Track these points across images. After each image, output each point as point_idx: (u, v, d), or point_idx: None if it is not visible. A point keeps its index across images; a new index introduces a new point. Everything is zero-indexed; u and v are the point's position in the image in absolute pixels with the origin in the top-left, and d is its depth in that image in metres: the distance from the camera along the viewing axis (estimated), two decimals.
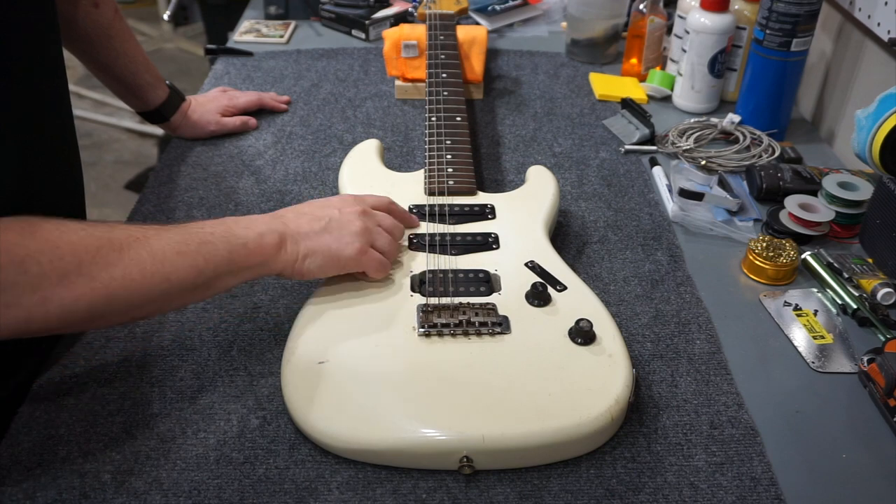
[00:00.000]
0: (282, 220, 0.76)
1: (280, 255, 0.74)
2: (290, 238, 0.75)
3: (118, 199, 2.71)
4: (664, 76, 1.32)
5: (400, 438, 0.67)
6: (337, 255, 0.77)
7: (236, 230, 0.72)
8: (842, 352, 0.82)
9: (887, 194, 0.92)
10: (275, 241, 0.74)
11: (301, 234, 0.76)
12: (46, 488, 0.66)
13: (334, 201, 0.81)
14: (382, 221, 0.82)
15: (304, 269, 0.76)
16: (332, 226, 0.78)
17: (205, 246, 0.69)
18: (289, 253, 0.75)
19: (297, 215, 0.78)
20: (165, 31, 3.75)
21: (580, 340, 0.74)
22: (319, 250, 0.76)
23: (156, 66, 1.11)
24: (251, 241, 0.72)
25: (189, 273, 0.68)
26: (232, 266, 0.71)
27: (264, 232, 0.74)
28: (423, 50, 1.25)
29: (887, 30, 1.07)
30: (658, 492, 0.67)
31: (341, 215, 0.79)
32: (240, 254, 0.71)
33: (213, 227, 0.72)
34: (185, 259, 0.67)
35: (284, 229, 0.75)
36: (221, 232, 0.71)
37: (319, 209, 0.79)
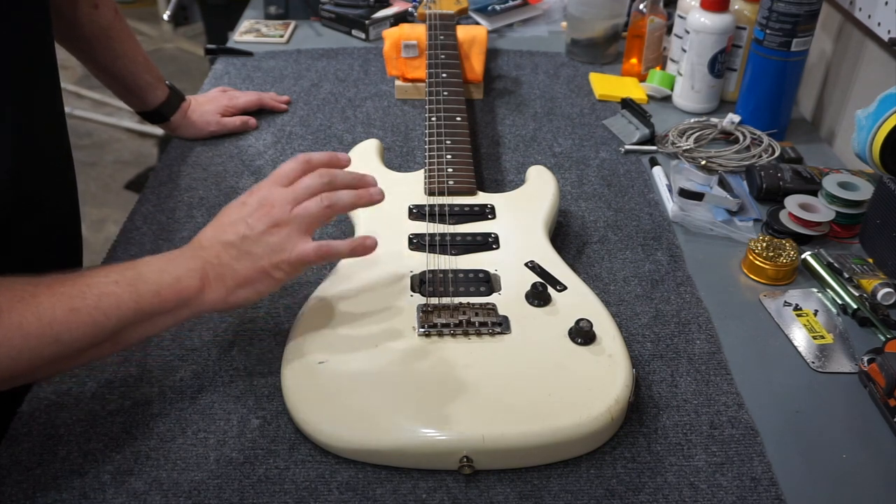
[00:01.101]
0: (201, 252, 0.70)
1: (205, 296, 0.68)
2: (213, 273, 0.69)
3: (118, 199, 2.71)
4: (664, 76, 1.32)
5: (400, 438, 0.67)
6: (267, 278, 0.70)
7: (147, 275, 0.66)
8: (842, 352, 0.82)
9: (887, 194, 0.92)
10: (194, 283, 0.67)
11: (222, 266, 0.69)
12: (46, 488, 0.66)
13: (245, 208, 0.71)
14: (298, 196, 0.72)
15: (236, 302, 0.70)
16: (249, 245, 0.70)
17: (105, 298, 0.63)
18: (214, 291, 0.68)
19: (213, 240, 0.70)
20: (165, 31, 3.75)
21: (580, 340, 0.74)
22: (245, 280, 0.69)
23: (156, 67, 1.11)
24: (165, 286, 0.66)
25: (84, 330, 0.62)
26: (141, 316, 0.65)
27: (181, 275, 0.67)
28: (423, 50, 1.25)
29: (887, 30, 1.07)
30: (658, 492, 0.67)
31: (252, 226, 0.70)
32: (150, 302, 0.65)
33: (119, 273, 0.65)
34: (79, 316, 0.62)
35: (203, 265, 0.69)
36: (128, 279, 0.65)
37: (231, 227, 0.70)
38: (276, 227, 0.70)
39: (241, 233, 0.70)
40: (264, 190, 0.72)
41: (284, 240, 0.70)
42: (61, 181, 0.89)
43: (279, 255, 0.70)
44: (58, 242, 0.89)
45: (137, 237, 0.96)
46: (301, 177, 0.73)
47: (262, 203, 0.71)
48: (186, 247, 0.71)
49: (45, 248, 0.85)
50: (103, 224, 2.59)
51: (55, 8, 0.96)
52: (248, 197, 0.73)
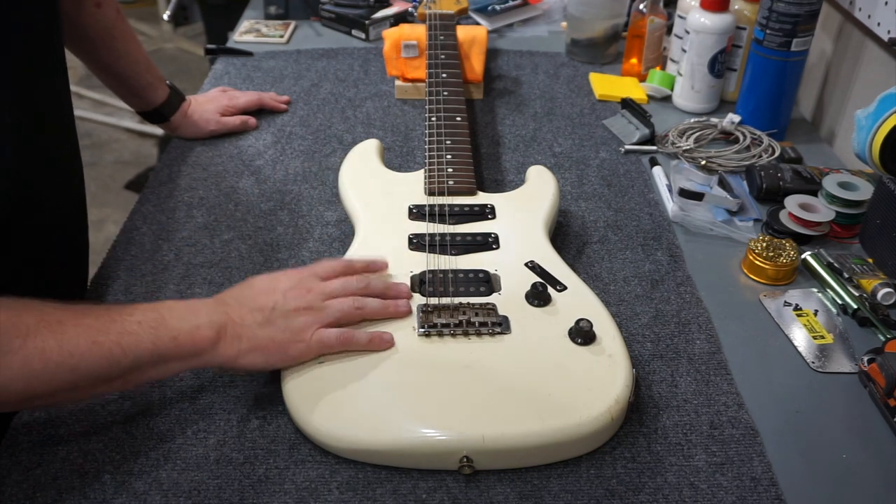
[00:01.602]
0: (225, 308, 0.71)
1: (218, 350, 0.69)
2: (231, 331, 0.70)
3: (118, 199, 2.71)
4: (664, 76, 1.32)
5: (400, 438, 0.67)
6: (281, 352, 0.71)
7: (169, 320, 0.67)
8: (842, 352, 0.82)
9: (887, 194, 0.92)
10: (211, 334, 0.68)
11: (243, 327, 0.70)
12: (46, 488, 0.66)
13: (281, 283, 0.74)
14: (333, 291, 0.75)
15: (245, 365, 0.70)
16: (276, 317, 0.71)
17: (126, 336, 0.64)
18: (228, 347, 0.69)
19: (241, 302, 0.72)
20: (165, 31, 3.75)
21: (580, 340, 0.74)
22: (261, 346, 0.70)
23: (156, 66, 1.11)
24: (183, 333, 0.67)
25: (101, 364, 0.63)
26: (156, 358, 0.66)
27: (201, 324, 0.68)
28: (423, 50, 1.25)
29: (887, 30, 1.07)
30: (658, 492, 0.67)
31: (285, 301, 0.72)
32: (167, 346, 0.66)
33: (143, 313, 0.67)
34: (100, 349, 0.63)
35: (225, 320, 0.70)
36: (151, 321, 0.66)
37: (264, 295, 0.73)
38: (306, 310, 0.72)
39: (273, 302, 0.72)
40: (304, 274, 0.76)
41: (311, 323, 0.72)
42: (66, 182, 0.89)
43: (301, 335, 0.71)
44: (60, 243, 0.88)
45: (137, 237, 0.96)
46: (338, 276, 0.77)
47: (300, 285, 0.74)
48: (211, 299, 0.72)
49: (48, 248, 0.85)
50: (103, 224, 2.58)
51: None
52: (284, 275, 0.75)
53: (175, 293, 0.87)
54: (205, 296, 0.86)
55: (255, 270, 0.91)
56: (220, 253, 0.94)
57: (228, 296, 0.73)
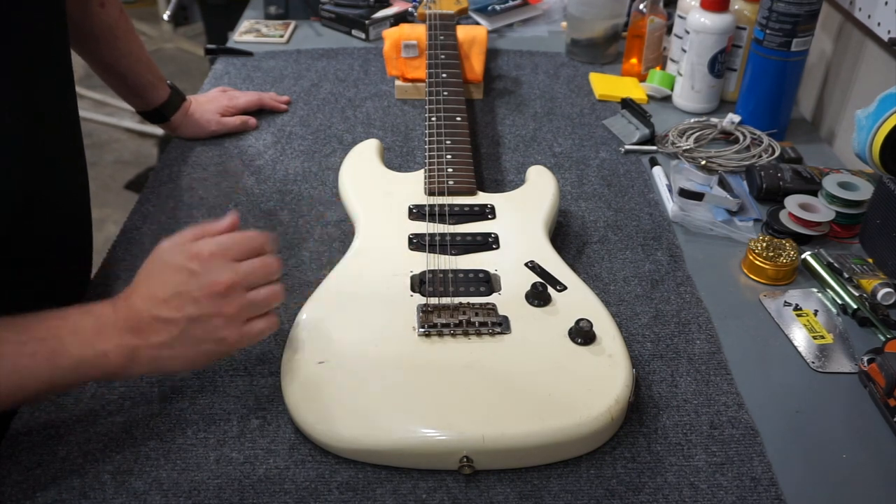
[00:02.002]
0: (137, 325, 0.65)
1: (132, 371, 0.65)
2: (147, 356, 0.65)
3: (118, 199, 2.71)
4: (664, 76, 1.32)
5: (400, 439, 0.67)
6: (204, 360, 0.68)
7: (70, 347, 0.62)
8: (842, 352, 0.82)
9: (887, 194, 0.92)
10: (121, 360, 0.64)
11: (160, 345, 0.65)
12: (46, 488, 0.66)
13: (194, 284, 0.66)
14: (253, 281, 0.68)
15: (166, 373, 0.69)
16: (193, 329, 0.65)
17: (17, 373, 0.61)
18: (144, 369, 0.66)
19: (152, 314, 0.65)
20: (165, 31, 3.75)
21: (580, 340, 0.74)
22: (181, 359, 0.67)
23: (157, 66, 1.11)
24: (87, 362, 0.63)
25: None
26: (54, 387, 0.63)
27: (109, 350, 0.63)
28: (423, 50, 1.25)
29: (887, 30, 1.07)
30: (658, 492, 0.67)
31: (200, 308, 0.65)
32: (66, 375, 0.63)
33: (40, 342, 0.62)
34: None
35: (137, 342, 0.64)
36: (47, 352, 0.61)
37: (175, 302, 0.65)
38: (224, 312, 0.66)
39: (186, 313, 0.65)
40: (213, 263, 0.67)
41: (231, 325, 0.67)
42: (69, 181, 0.89)
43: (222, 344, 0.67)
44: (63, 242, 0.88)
45: (137, 237, 0.96)
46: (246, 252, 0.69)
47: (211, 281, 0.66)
48: (121, 311, 0.65)
49: (50, 248, 0.85)
50: (103, 224, 2.58)
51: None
52: (192, 263, 0.67)
53: None
54: None
55: None
56: None
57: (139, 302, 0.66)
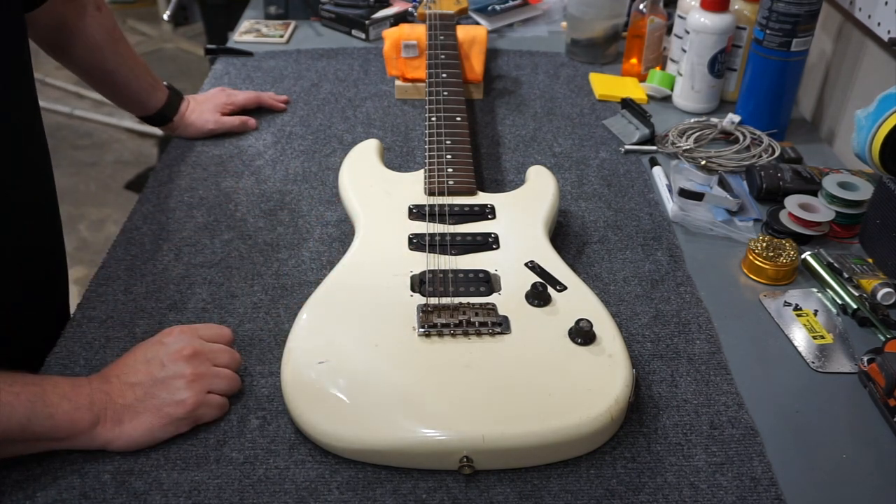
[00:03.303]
0: (107, 387, 0.68)
1: (97, 432, 0.67)
2: (112, 413, 0.67)
3: (118, 199, 2.71)
4: (664, 76, 1.32)
5: (400, 438, 0.67)
6: (165, 424, 0.69)
7: (49, 397, 0.65)
8: (842, 352, 0.82)
9: (887, 194, 0.92)
10: (90, 417, 0.66)
11: (124, 407, 0.68)
12: (46, 488, 0.66)
13: (162, 351, 0.71)
14: (217, 358, 0.73)
15: (131, 443, 0.68)
16: (157, 391, 0.69)
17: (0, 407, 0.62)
18: (108, 429, 0.67)
19: (121, 381, 0.69)
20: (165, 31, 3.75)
21: (580, 340, 0.74)
22: (144, 423, 0.68)
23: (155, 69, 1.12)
24: (62, 412, 0.65)
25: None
26: (26, 434, 0.64)
27: (82, 405, 0.66)
28: (423, 50, 1.25)
29: (887, 30, 1.07)
30: (658, 492, 0.67)
31: (165, 371, 0.70)
32: (41, 425, 0.64)
33: (24, 385, 0.64)
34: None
35: (106, 401, 0.67)
36: (30, 395, 0.64)
37: (145, 368, 0.70)
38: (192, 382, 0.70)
39: (151, 374, 0.70)
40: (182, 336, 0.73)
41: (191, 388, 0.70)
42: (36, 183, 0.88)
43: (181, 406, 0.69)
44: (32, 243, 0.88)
45: (137, 237, 0.96)
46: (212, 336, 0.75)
47: (178, 348, 0.71)
48: (97, 375, 0.70)
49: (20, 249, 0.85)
50: (103, 224, 2.59)
51: (62, 19, 0.97)
52: (162, 337, 0.73)
53: (175, 293, 0.87)
54: (204, 296, 0.87)
55: (254, 270, 0.91)
56: (220, 253, 0.94)
57: (110, 372, 0.70)
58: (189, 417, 0.70)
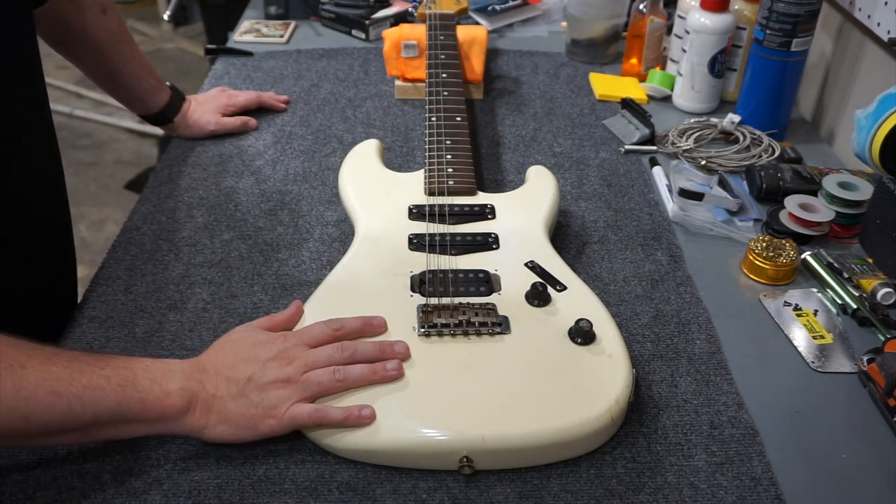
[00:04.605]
0: (200, 375, 0.68)
1: (186, 419, 0.66)
2: (202, 402, 0.67)
3: (118, 199, 2.71)
4: (664, 76, 1.32)
5: (400, 439, 0.67)
6: (252, 427, 0.68)
7: (140, 381, 0.65)
8: (842, 352, 0.82)
9: (887, 194, 0.92)
10: (180, 403, 0.66)
11: (215, 399, 0.67)
12: (46, 488, 0.66)
13: (262, 352, 0.70)
14: (316, 362, 0.70)
15: (214, 437, 0.68)
16: (250, 389, 0.68)
17: (91, 391, 0.62)
18: (197, 419, 0.67)
19: (218, 370, 0.69)
20: (165, 31, 3.75)
21: (580, 340, 0.74)
22: (231, 419, 0.67)
23: (156, 68, 1.12)
24: (152, 396, 0.65)
25: (57, 415, 0.61)
26: (118, 418, 0.64)
27: (172, 391, 0.66)
28: (423, 50, 1.25)
29: (887, 30, 1.07)
30: (658, 492, 0.67)
31: (263, 373, 0.69)
32: (133, 409, 0.64)
33: (115, 369, 0.64)
34: (59, 401, 0.60)
35: (198, 390, 0.67)
36: (120, 379, 0.64)
37: (242, 365, 0.69)
38: (283, 383, 0.69)
39: (250, 374, 0.69)
40: (289, 343, 0.72)
41: (284, 398, 0.68)
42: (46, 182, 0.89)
43: (274, 411, 0.68)
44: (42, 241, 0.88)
45: (137, 237, 0.96)
46: (328, 341, 0.73)
47: (282, 355, 0.70)
48: (189, 362, 0.70)
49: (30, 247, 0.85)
50: (103, 224, 2.59)
51: (64, 19, 0.97)
52: (270, 340, 0.72)
53: (175, 293, 0.87)
54: (204, 296, 0.87)
55: (254, 270, 0.91)
56: (220, 253, 0.94)
57: (208, 361, 0.70)
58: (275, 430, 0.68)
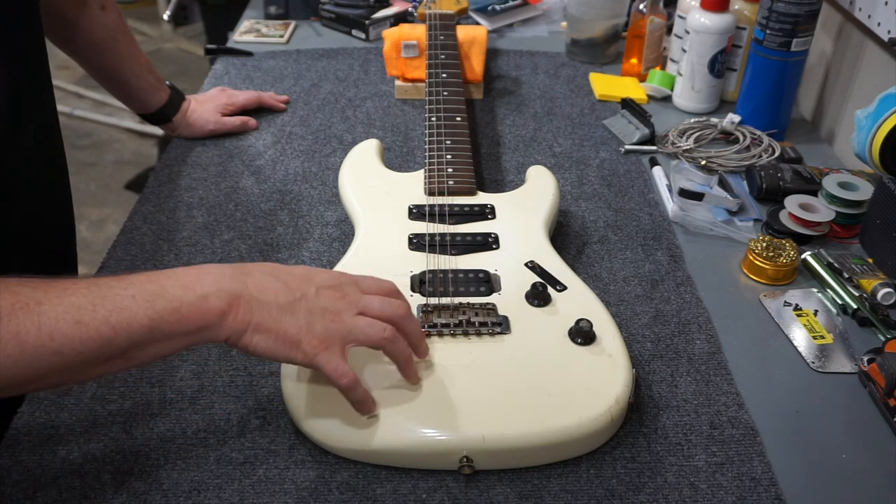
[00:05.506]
0: (244, 277, 0.64)
1: (226, 322, 0.62)
2: (244, 303, 0.63)
3: (118, 199, 2.71)
4: (664, 76, 1.32)
5: (400, 439, 0.67)
6: (289, 347, 0.64)
7: (170, 290, 0.61)
8: (842, 352, 0.82)
9: (887, 194, 0.92)
10: (221, 305, 0.62)
11: (260, 303, 0.63)
12: (46, 488, 0.66)
13: (320, 277, 0.68)
14: (369, 307, 0.67)
15: (249, 345, 0.63)
16: (300, 307, 0.64)
17: (117, 313, 0.58)
18: (238, 321, 0.62)
19: (265, 277, 0.65)
20: (165, 31, 3.75)
21: (580, 340, 0.74)
22: (273, 330, 0.63)
23: (156, 68, 1.12)
24: (187, 304, 0.61)
25: (89, 345, 0.57)
26: (156, 334, 0.60)
27: (210, 293, 0.61)
28: (423, 50, 1.25)
29: (887, 30, 1.07)
30: (658, 492, 0.67)
31: (317, 297, 0.65)
32: (168, 321, 0.60)
33: (140, 286, 0.60)
34: (86, 330, 0.57)
35: (241, 290, 0.63)
36: (147, 294, 0.60)
37: (297, 281, 0.66)
38: (332, 315, 0.65)
39: (304, 292, 0.65)
40: (346, 279, 0.69)
41: (329, 333, 0.65)
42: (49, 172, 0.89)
43: (313, 340, 0.64)
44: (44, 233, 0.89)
45: (137, 237, 0.96)
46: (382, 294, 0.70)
47: (338, 287, 0.67)
48: (231, 266, 0.65)
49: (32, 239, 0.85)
50: (103, 224, 2.59)
51: (62, 14, 0.97)
52: (325, 271, 0.69)
53: None
54: None
55: None
56: (220, 253, 0.94)
57: (254, 268, 0.66)
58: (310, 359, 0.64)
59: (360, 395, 0.66)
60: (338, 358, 0.65)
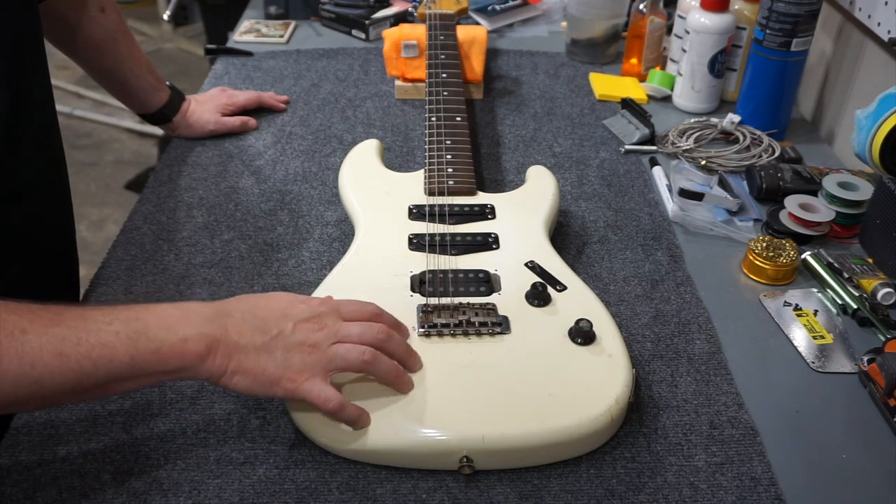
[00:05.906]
0: (224, 320, 0.65)
1: (204, 365, 0.64)
2: (223, 347, 0.64)
3: (118, 199, 2.71)
4: (664, 76, 1.32)
5: (400, 439, 0.67)
6: (268, 386, 0.65)
7: (153, 329, 0.62)
8: (842, 352, 0.82)
9: (887, 194, 0.92)
10: (200, 348, 0.63)
11: (237, 347, 0.65)
12: (46, 488, 0.66)
13: (297, 310, 0.68)
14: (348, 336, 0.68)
15: (229, 384, 0.65)
16: (276, 346, 0.66)
17: (99, 349, 0.60)
18: (216, 365, 0.64)
19: (245, 316, 0.66)
20: (165, 31, 3.75)
21: (580, 340, 0.74)
22: (251, 371, 0.65)
23: (156, 68, 1.12)
24: (167, 345, 0.62)
25: (68, 377, 0.59)
26: (135, 371, 0.61)
27: (190, 336, 0.63)
28: (423, 50, 1.25)
29: (887, 30, 1.07)
30: (658, 492, 0.67)
31: (293, 332, 0.67)
32: (147, 360, 0.61)
33: (124, 322, 0.62)
34: (66, 362, 0.58)
35: (220, 334, 0.64)
36: (130, 332, 0.61)
37: (275, 317, 0.67)
38: (310, 348, 0.67)
39: (280, 329, 0.66)
40: (325, 308, 0.70)
41: (308, 365, 0.66)
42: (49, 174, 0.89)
43: (293, 374, 0.66)
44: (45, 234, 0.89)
45: (137, 237, 0.96)
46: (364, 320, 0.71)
47: (316, 319, 0.68)
48: (212, 305, 0.67)
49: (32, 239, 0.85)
50: (103, 224, 2.59)
51: (61, 15, 0.97)
52: (304, 303, 0.70)
53: (175, 293, 0.87)
54: (204, 296, 0.87)
55: (254, 270, 0.91)
56: (220, 253, 0.94)
57: (234, 307, 0.67)
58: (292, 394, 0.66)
59: (350, 414, 0.67)
60: (320, 385, 0.66)
